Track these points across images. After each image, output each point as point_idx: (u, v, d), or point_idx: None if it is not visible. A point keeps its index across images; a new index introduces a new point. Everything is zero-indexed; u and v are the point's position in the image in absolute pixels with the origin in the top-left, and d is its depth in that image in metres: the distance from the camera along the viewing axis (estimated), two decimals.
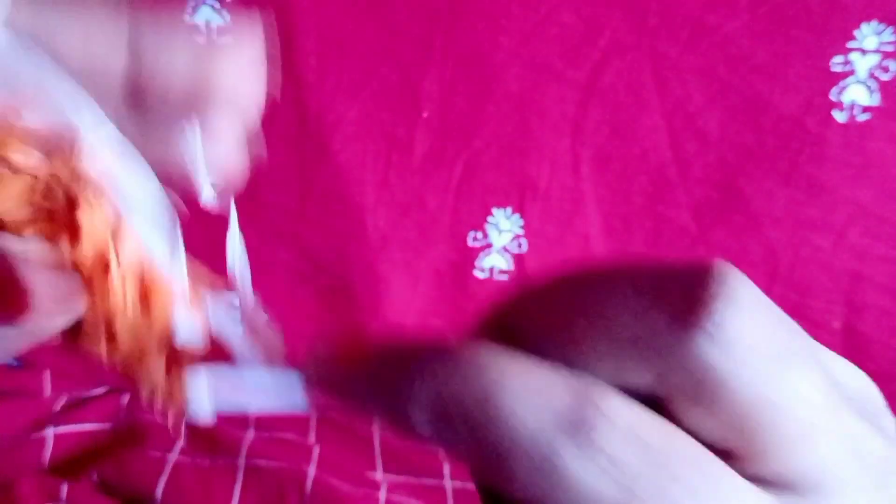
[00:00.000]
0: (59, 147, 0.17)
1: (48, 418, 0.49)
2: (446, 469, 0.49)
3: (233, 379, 0.17)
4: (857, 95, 0.44)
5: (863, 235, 0.47)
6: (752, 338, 0.13)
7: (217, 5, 0.43)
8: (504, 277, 0.50)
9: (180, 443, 0.48)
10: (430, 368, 0.14)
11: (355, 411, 0.15)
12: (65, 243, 0.17)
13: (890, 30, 0.43)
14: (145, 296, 0.18)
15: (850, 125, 0.45)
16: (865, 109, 0.44)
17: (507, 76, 0.44)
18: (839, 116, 0.44)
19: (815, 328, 0.50)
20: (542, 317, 0.14)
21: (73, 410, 0.50)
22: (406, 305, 0.51)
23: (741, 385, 0.12)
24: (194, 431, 0.49)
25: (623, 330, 0.13)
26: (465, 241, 0.49)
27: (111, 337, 0.18)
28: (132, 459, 0.46)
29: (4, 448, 0.47)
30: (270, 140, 0.46)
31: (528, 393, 0.13)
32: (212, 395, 0.17)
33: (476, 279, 0.50)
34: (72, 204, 0.17)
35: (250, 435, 0.49)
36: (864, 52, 0.43)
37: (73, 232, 0.17)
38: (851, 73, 0.44)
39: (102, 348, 0.18)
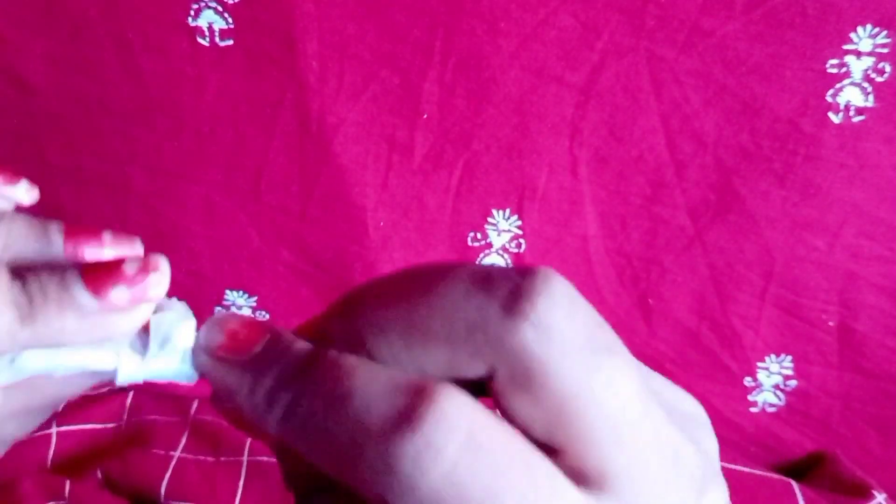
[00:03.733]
0: None
1: (52, 416, 0.49)
2: None
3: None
4: (852, 97, 0.44)
5: (857, 235, 0.47)
6: (571, 330, 0.14)
7: (220, 8, 0.43)
8: None
9: (184, 440, 0.49)
10: (286, 371, 0.15)
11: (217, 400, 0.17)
12: None
13: (885, 33, 0.43)
14: None
15: (846, 126, 0.45)
16: (860, 111, 0.45)
17: (506, 79, 0.45)
18: (834, 118, 0.45)
19: (811, 327, 0.50)
20: (386, 303, 0.15)
21: (78, 409, 0.50)
22: None
23: (560, 371, 0.13)
24: (198, 429, 0.49)
25: (458, 315, 0.14)
26: (464, 242, 0.50)
27: None
28: (136, 457, 0.47)
29: None
30: (272, 142, 0.47)
31: (372, 392, 0.14)
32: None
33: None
34: None
35: None
36: (859, 54, 0.43)
37: None
38: (847, 75, 0.44)
39: None
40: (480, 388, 0.15)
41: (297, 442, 0.14)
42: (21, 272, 0.19)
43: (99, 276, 0.18)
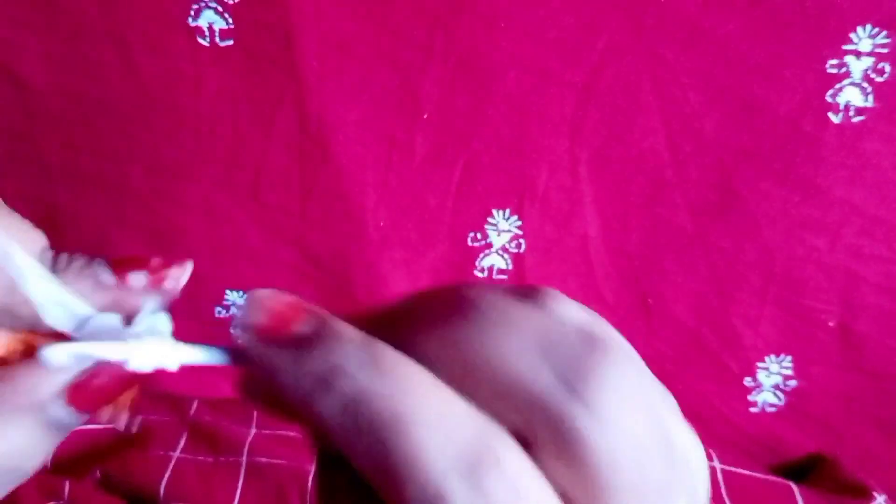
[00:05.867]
0: None
1: None
2: None
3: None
4: (852, 97, 0.45)
5: (858, 235, 0.47)
6: (629, 426, 0.14)
7: (219, 8, 0.43)
8: (503, 277, 0.51)
9: (183, 441, 0.49)
10: (341, 359, 0.14)
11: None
12: None
13: (885, 33, 0.43)
14: None
15: (845, 126, 0.45)
16: (860, 111, 0.45)
17: (507, 78, 0.45)
18: (834, 118, 0.45)
19: (812, 327, 0.50)
20: (442, 342, 0.15)
21: None
22: None
23: (609, 462, 0.13)
24: (197, 430, 0.49)
25: (520, 385, 0.14)
26: (465, 242, 0.50)
27: None
28: (135, 458, 0.47)
29: None
30: (272, 141, 0.47)
31: (435, 419, 0.13)
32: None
33: (476, 279, 0.51)
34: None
35: (252, 432, 0.49)
36: (859, 54, 0.44)
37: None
38: (847, 75, 0.44)
39: None
40: None
41: (342, 437, 0.14)
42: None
43: (123, 263, 0.20)
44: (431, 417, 0.13)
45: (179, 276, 0.19)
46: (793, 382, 0.52)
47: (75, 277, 0.20)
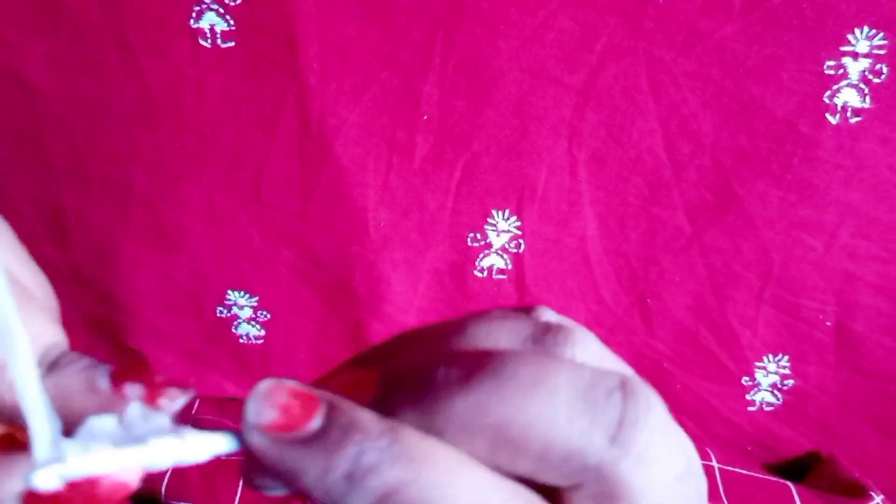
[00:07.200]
0: None
1: None
2: None
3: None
4: (849, 98, 0.45)
5: (854, 236, 0.48)
6: (669, 464, 0.14)
7: (221, 10, 0.43)
8: (503, 277, 0.51)
9: None
10: (367, 452, 0.14)
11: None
12: None
13: (882, 34, 0.43)
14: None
15: (843, 128, 0.45)
16: (857, 112, 0.45)
17: (506, 80, 0.45)
18: (832, 119, 0.45)
19: (809, 327, 0.50)
20: (477, 408, 0.15)
21: None
22: (406, 305, 0.52)
23: (651, 500, 0.14)
24: (198, 428, 0.50)
25: (559, 440, 0.14)
26: (464, 242, 0.50)
27: None
28: None
29: None
30: (273, 142, 0.47)
31: (471, 501, 0.14)
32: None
33: (475, 279, 0.51)
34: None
35: None
36: (856, 56, 0.44)
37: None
38: (844, 76, 0.44)
39: None
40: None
41: None
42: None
43: (123, 374, 0.19)
44: (468, 500, 0.14)
45: (176, 396, 0.19)
46: (790, 382, 0.52)
47: (72, 376, 0.19)
